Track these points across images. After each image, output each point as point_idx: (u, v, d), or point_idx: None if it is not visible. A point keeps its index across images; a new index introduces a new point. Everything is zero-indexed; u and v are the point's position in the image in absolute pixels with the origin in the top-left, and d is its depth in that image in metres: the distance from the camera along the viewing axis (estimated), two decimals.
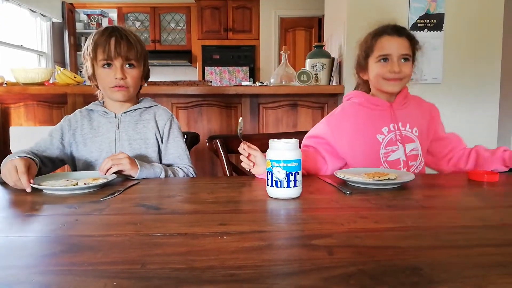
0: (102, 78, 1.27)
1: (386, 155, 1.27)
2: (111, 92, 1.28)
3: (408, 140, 1.28)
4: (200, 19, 5.46)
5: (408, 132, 1.29)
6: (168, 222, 0.72)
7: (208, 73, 5.47)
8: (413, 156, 1.28)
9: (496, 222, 0.73)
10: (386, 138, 1.27)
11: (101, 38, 1.23)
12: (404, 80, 1.26)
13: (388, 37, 1.26)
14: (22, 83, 2.53)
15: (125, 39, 1.24)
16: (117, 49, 1.22)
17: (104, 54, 1.22)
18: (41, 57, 5.16)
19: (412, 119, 1.30)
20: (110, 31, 1.24)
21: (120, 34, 1.24)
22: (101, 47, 1.22)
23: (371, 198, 0.90)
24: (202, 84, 2.64)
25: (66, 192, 0.96)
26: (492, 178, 1.08)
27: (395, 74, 1.23)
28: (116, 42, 1.23)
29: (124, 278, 0.49)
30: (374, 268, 0.51)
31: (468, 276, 0.49)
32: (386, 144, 1.27)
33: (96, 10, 5.79)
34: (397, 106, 1.29)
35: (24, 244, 0.62)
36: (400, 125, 1.28)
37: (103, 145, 1.29)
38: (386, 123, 1.28)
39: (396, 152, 1.27)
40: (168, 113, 1.38)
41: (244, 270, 0.51)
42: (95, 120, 1.33)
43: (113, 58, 1.23)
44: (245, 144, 1.07)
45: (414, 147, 1.28)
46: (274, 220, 0.77)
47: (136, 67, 1.29)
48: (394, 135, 1.27)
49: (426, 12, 2.38)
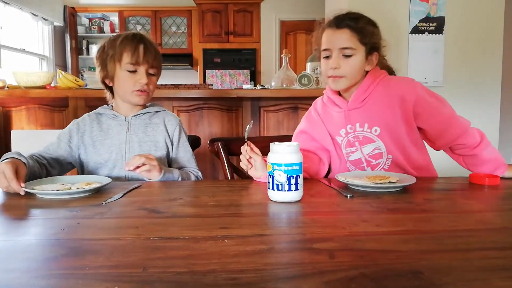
0: (125, 81, 1.29)
1: (348, 155, 1.26)
2: (132, 95, 1.30)
3: (367, 141, 1.22)
4: (201, 22, 5.47)
5: (366, 132, 1.21)
6: (169, 226, 0.72)
7: (209, 76, 5.48)
8: (376, 155, 1.23)
9: (498, 226, 0.72)
10: (344, 140, 1.25)
11: (131, 43, 1.26)
12: (348, 77, 1.16)
13: (328, 30, 1.17)
14: (24, 86, 2.54)
15: (152, 48, 1.29)
16: (145, 55, 1.27)
17: (132, 58, 1.25)
18: (43, 60, 5.18)
19: (372, 117, 1.19)
20: (138, 38, 1.28)
21: (147, 42, 1.29)
22: (129, 51, 1.25)
23: (372, 201, 0.90)
24: (203, 87, 2.64)
25: (58, 197, 0.95)
26: (493, 182, 1.08)
27: (333, 71, 1.15)
28: (145, 49, 1.27)
29: (126, 281, 0.49)
30: (376, 272, 0.51)
31: (469, 279, 0.49)
32: (345, 146, 1.25)
33: (98, 14, 5.82)
34: (354, 105, 1.20)
35: (26, 248, 0.62)
36: (358, 126, 1.21)
37: (113, 147, 1.31)
38: (343, 125, 1.24)
39: (355, 152, 1.24)
40: (176, 119, 1.41)
41: (245, 273, 0.51)
42: (104, 123, 1.35)
43: (140, 64, 1.27)
44: (249, 146, 1.07)
45: (376, 146, 1.22)
46: (275, 224, 0.77)
47: (156, 75, 1.34)
48: (353, 136, 1.23)
49: (426, 16, 2.39)
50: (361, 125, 1.21)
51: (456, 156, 1.27)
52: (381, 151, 1.22)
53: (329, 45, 1.16)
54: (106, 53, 1.29)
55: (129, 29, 5.79)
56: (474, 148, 1.20)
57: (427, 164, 1.28)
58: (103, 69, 1.31)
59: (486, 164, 1.19)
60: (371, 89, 1.19)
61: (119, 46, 1.26)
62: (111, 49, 1.27)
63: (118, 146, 1.31)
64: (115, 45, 1.27)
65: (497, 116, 2.47)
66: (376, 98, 1.19)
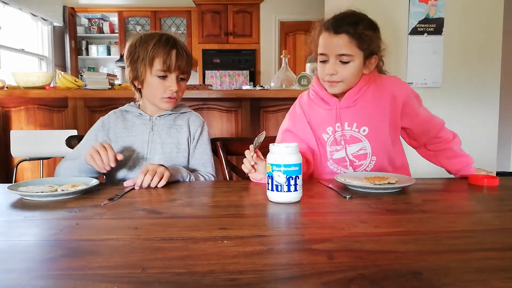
0: (155, 87, 1.26)
1: (332, 153, 1.24)
2: (161, 101, 1.28)
3: (354, 141, 1.21)
4: (200, 23, 5.47)
5: (354, 132, 1.21)
6: (168, 226, 0.72)
7: (209, 77, 5.48)
8: (361, 156, 1.22)
9: (496, 226, 0.73)
10: (331, 138, 1.23)
11: (163, 48, 1.22)
12: (345, 81, 1.15)
13: (326, 34, 1.14)
14: (23, 86, 2.54)
15: (184, 53, 1.26)
16: (177, 62, 1.24)
17: (164, 65, 1.22)
18: (42, 61, 5.18)
19: (361, 117, 1.20)
20: (172, 43, 1.24)
21: (180, 47, 1.25)
22: (162, 57, 1.22)
23: (371, 202, 0.90)
24: (202, 88, 2.65)
25: (42, 199, 0.94)
26: (492, 183, 1.08)
27: (331, 77, 1.14)
28: (177, 55, 1.24)
29: (125, 282, 0.49)
30: (375, 273, 0.51)
31: (468, 280, 0.49)
32: (330, 143, 1.24)
33: (97, 14, 5.82)
34: (345, 105, 1.19)
35: (25, 248, 0.62)
36: (346, 125, 1.21)
37: (135, 145, 1.29)
38: (331, 123, 1.22)
39: (340, 151, 1.23)
40: (200, 119, 1.39)
41: (244, 274, 0.51)
42: (129, 121, 1.33)
43: (172, 71, 1.24)
44: (256, 154, 1.06)
45: (362, 146, 1.21)
46: (274, 225, 0.77)
47: (186, 79, 1.32)
48: (340, 135, 1.22)
49: (426, 17, 2.39)
50: (350, 124, 1.21)
51: (429, 153, 1.32)
52: (366, 151, 1.22)
53: (326, 50, 1.13)
54: (137, 54, 1.24)
55: (128, 30, 5.79)
56: (448, 142, 1.28)
57: (403, 163, 1.30)
58: (133, 70, 1.27)
59: (460, 158, 1.26)
60: (363, 91, 1.19)
61: (152, 51, 1.22)
62: (142, 52, 1.23)
63: (140, 145, 1.29)
64: (147, 48, 1.22)
65: (496, 117, 2.47)
66: (368, 99, 1.20)
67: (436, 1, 2.37)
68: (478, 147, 2.43)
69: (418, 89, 2.42)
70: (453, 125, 2.44)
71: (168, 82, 1.25)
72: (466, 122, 2.44)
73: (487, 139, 2.45)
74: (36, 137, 2.20)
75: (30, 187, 0.99)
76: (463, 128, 2.50)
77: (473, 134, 2.41)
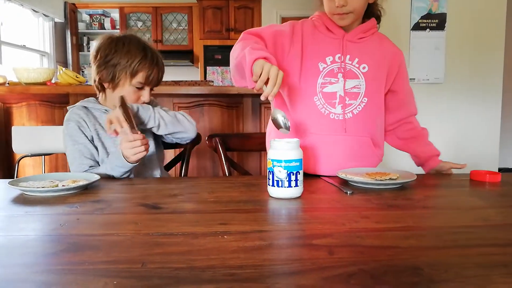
0: (129, 95, 1.28)
1: (323, 86, 1.19)
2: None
3: (351, 76, 1.19)
4: (202, 19, 5.46)
5: (354, 67, 1.19)
6: (168, 222, 0.72)
7: (210, 73, 5.47)
8: (353, 94, 1.19)
9: (498, 222, 0.72)
10: (327, 68, 1.19)
11: (149, 66, 1.28)
12: (355, 12, 1.14)
13: None
14: (24, 82, 2.54)
15: (162, 69, 1.34)
16: (155, 78, 1.32)
17: (146, 80, 1.29)
18: (44, 57, 5.18)
19: (364, 55, 1.19)
20: (155, 61, 1.30)
21: (160, 64, 1.33)
22: (145, 73, 1.28)
23: (373, 198, 0.90)
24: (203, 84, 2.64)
25: (43, 194, 0.94)
26: (494, 178, 1.08)
27: (341, 9, 1.12)
28: (158, 72, 1.32)
29: (125, 277, 0.49)
30: (375, 268, 0.51)
31: (469, 276, 0.49)
32: (325, 74, 1.19)
33: (99, 10, 5.81)
34: (351, 38, 1.19)
35: (25, 243, 0.62)
36: (348, 58, 1.19)
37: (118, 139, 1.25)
38: (332, 53, 1.19)
39: (334, 85, 1.19)
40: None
41: (244, 269, 0.51)
42: (98, 117, 1.32)
43: (149, 84, 1.31)
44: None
45: (357, 84, 1.19)
46: (275, 220, 0.77)
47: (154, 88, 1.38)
48: (338, 67, 1.18)
49: (428, 12, 2.38)
50: (351, 58, 1.19)
51: (400, 142, 1.34)
52: (359, 91, 1.20)
53: None
54: (115, 60, 1.26)
55: (129, 26, 5.79)
56: (420, 130, 1.31)
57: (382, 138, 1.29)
58: (107, 73, 1.27)
59: (430, 147, 1.29)
60: (371, 32, 1.22)
61: (137, 65, 1.26)
62: (124, 61, 1.26)
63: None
64: (131, 60, 1.26)
65: (498, 112, 2.46)
66: (372, 43, 1.23)
67: None
68: (480, 143, 2.42)
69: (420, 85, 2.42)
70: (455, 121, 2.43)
71: (142, 93, 1.31)
72: (468, 118, 2.43)
73: (490, 135, 2.44)
74: (38, 133, 2.20)
75: (31, 182, 1.00)
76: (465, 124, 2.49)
77: (475, 130, 2.40)
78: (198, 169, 2.61)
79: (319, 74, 1.19)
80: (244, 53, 1.02)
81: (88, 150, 1.27)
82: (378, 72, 1.21)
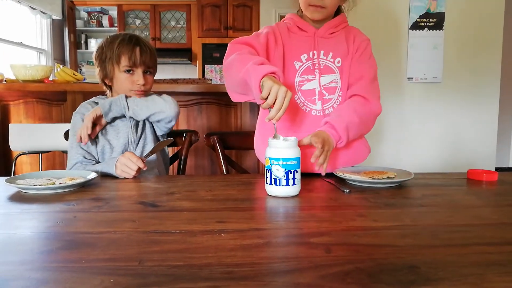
0: (123, 82, 1.32)
1: (301, 84, 1.21)
2: (130, 94, 1.33)
3: (328, 71, 1.21)
4: (200, 17, 5.45)
5: (329, 62, 1.21)
6: (166, 220, 0.72)
7: (208, 71, 5.46)
8: (331, 89, 1.21)
9: (495, 221, 0.73)
10: (303, 66, 1.21)
11: (127, 46, 1.31)
12: (328, 8, 1.17)
13: None
14: (22, 80, 2.53)
15: (147, 49, 1.34)
16: (141, 57, 1.32)
17: (130, 61, 1.30)
18: (41, 54, 5.16)
19: (337, 49, 1.22)
20: (134, 40, 1.33)
21: (143, 44, 1.34)
22: (127, 54, 1.30)
23: (370, 196, 0.90)
24: (201, 82, 2.64)
25: (40, 192, 0.94)
26: (491, 177, 1.08)
27: (317, 1, 1.14)
28: (141, 51, 1.32)
29: (121, 275, 0.49)
30: (372, 266, 0.51)
31: (465, 274, 0.49)
32: (302, 72, 1.21)
33: (97, 7, 5.78)
34: (322, 34, 1.22)
35: (21, 240, 0.62)
36: (322, 53, 1.21)
37: (120, 132, 1.33)
38: (306, 50, 1.21)
39: (311, 81, 1.21)
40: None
41: (241, 267, 0.51)
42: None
43: (137, 66, 1.32)
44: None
45: (333, 78, 1.21)
46: (272, 218, 0.77)
47: (152, 73, 1.39)
48: (312, 63, 1.20)
49: (426, 11, 2.38)
50: (326, 53, 1.21)
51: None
52: (336, 85, 1.21)
53: None
54: (104, 54, 1.32)
55: (128, 24, 5.77)
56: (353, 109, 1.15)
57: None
58: (102, 70, 1.34)
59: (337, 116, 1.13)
60: (341, 27, 1.24)
61: (117, 49, 1.30)
62: (109, 52, 1.31)
63: (125, 131, 1.32)
64: (113, 48, 1.31)
65: (496, 112, 2.47)
66: (343, 36, 1.24)
67: None
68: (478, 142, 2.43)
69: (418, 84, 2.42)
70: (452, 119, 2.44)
71: (135, 77, 1.32)
72: (466, 117, 2.43)
73: (487, 134, 2.44)
74: (35, 131, 2.19)
75: (28, 179, 0.99)
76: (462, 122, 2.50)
77: (473, 129, 2.40)
78: (196, 167, 2.60)
79: (296, 73, 1.21)
80: (247, 69, 1.01)
81: (90, 149, 1.30)
82: (349, 65, 1.22)
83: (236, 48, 1.14)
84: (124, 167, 1.13)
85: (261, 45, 1.19)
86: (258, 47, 1.18)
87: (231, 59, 1.10)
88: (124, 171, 1.13)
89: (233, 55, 1.10)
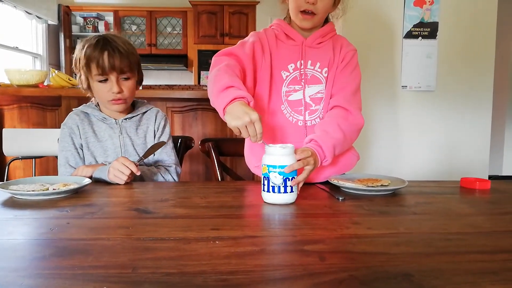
0: (99, 91, 1.24)
1: (288, 94, 1.20)
2: (109, 104, 1.26)
3: (314, 81, 1.20)
4: (196, 23, 5.46)
5: (316, 72, 1.20)
6: (160, 227, 0.72)
7: (204, 77, 5.47)
8: (317, 99, 1.20)
9: (488, 229, 0.73)
10: (290, 76, 1.20)
11: (94, 52, 1.18)
12: (318, 16, 1.15)
13: None
14: (16, 84, 2.52)
15: (118, 52, 1.20)
16: (111, 63, 1.19)
17: (99, 69, 1.19)
18: (36, 59, 5.14)
19: (324, 59, 1.20)
20: (102, 44, 1.19)
21: (112, 47, 1.20)
22: (95, 61, 1.18)
23: (364, 204, 0.90)
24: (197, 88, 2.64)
25: (33, 198, 0.93)
26: (484, 186, 1.09)
27: (309, 5, 1.12)
28: (109, 56, 1.19)
29: (115, 282, 0.49)
30: (365, 274, 0.51)
31: (459, 282, 0.49)
32: (289, 83, 1.20)
33: (93, 13, 5.78)
34: (310, 44, 1.20)
35: (14, 247, 0.61)
36: (309, 63, 1.20)
37: (109, 151, 1.28)
38: (294, 60, 1.19)
39: (298, 92, 1.20)
40: (162, 114, 1.40)
41: (236, 275, 0.51)
42: (95, 124, 1.31)
43: (108, 73, 1.20)
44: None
45: (320, 89, 1.20)
46: (266, 225, 0.77)
47: (131, 78, 1.27)
48: (299, 73, 1.19)
49: (420, 21, 2.41)
50: (313, 63, 1.20)
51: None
52: (322, 95, 1.21)
53: None
54: (78, 62, 1.23)
55: (124, 29, 5.77)
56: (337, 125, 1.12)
57: None
58: (79, 79, 1.27)
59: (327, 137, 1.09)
60: (328, 37, 1.22)
61: (85, 58, 1.19)
62: (80, 60, 1.22)
63: (113, 150, 1.28)
64: (82, 55, 1.21)
65: (489, 121, 2.49)
66: (330, 46, 1.22)
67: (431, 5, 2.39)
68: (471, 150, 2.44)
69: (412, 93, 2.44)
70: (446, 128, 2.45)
71: (109, 85, 1.21)
72: (460, 126, 2.45)
73: (480, 143, 2.46)
74: (29, 136, 2.17)
75: (21, 185, 0.98)
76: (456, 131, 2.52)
77: (466, 137, 2.42)
78: (191, 174, 2.60)
79: (283, 83, 1.20)
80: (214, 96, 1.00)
81: (74, 158, 1.27)
82: (335, 77, 1.21)
83: (217, 62, 1.10)
84: (116, 171, 1.11)
85: (247, 55, 1.15)
86: (243, 57, 1.14)
87: (210, 76, 1.07)
88: (116, 175, 1.11)
89: (213, 70, 1.07)
